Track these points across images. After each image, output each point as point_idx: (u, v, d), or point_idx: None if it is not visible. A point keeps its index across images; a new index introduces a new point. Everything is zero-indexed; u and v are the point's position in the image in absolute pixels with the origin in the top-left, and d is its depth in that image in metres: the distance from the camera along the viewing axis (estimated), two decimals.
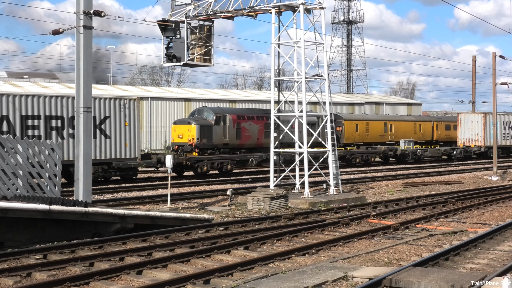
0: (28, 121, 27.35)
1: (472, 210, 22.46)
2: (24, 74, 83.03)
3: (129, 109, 30.64)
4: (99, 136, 29.35)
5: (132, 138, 30.69)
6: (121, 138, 30.35)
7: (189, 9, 25.77)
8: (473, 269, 12.60)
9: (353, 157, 47.47)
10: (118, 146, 30.26)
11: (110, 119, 29.83)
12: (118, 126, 30.16)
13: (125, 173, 31.18)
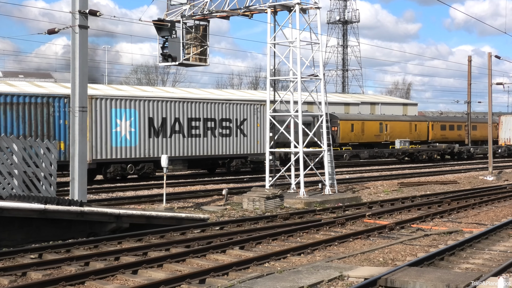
0: (192, 122, 33.51)
1: (468, 210, 22.50)
2: (19, 74, 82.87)
3: (260, 112, 36.76)
4: (240, 135, 35.91)
5: (262, 137, 36.45)
6: (254, 137, 36.68)
7: (185, 8, 25.76)
8: (468, 269, 12.62)
9: (420, 154, 54.55)
10: (253, 143, 36.55)
11: (247, 121, 36.31)
12: (253, 127, 36.53)
13: (256, 165, 37.47)
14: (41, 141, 26.19)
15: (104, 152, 30.04)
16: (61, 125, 28.48)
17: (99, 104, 29.95)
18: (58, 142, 27.79)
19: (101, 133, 29.96)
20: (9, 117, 26.47)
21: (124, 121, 30.77)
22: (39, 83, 57.64)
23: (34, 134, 27.12)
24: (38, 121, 27.75)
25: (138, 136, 31.42)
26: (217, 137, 34.81)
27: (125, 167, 31.11)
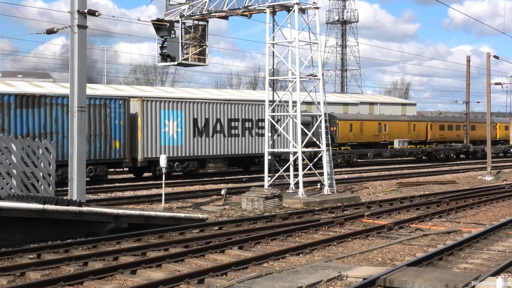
0: (232, 123, 35.65)
1: (466, 210, 22.51)
2: (18, 74, 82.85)
3: None
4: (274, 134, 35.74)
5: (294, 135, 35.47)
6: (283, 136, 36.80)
7: (184, 8, 25.76)
8: (467, 269, 12.63)
9: (438, 153, 57.65)
10: (285, 142, 37.27)
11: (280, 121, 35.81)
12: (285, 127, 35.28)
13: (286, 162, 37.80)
14: (100, 140, 29.68)
15: (153, 151, 31.87)
16: (117, 125, 30.56)
17: (149, 106, 31.89)
18: (114, 141, 30.50)
19: (151, 133, 31.95)
20: (61, 117, 28.29)
21: (172, 122, 32.79)
22: (37, 83, 57.60)
23: (93, 133, 29.62)
24: (96, 121, 29.76)
25: (184, 136, 33.51)
26: (254, 136, 37.02)
27: (172, 165, 32.90)
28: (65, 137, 27.25)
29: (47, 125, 28.14)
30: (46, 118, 28.03)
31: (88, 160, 27.48)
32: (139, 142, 31.38)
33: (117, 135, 30.59)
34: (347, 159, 48.71)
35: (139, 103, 31.59)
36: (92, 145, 29.54)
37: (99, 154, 29.84)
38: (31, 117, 27.69)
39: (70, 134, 18.37)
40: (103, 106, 30.24)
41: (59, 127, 28.39)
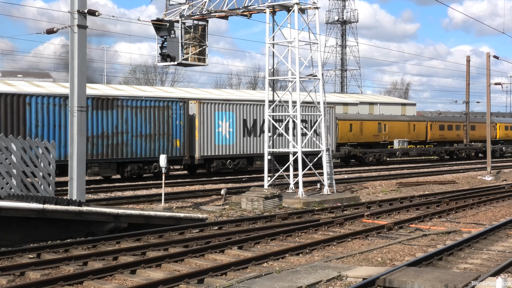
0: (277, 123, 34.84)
1: (466, 210, 22.51)
2: (18, 73, 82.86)
3: (329, 114, 41.66)
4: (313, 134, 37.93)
5: (332, 136, 41.30)
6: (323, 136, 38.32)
7: (184, 8, 25.76)
8: (466, 269, 12.63)
9: (460, 152, 60.52)
10: None
11: None
12: None
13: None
14: (163, 139, 32.05)
15: (209, 150, 34.68)
16: (177, 125, 33.09)
17: (205, 108, 34.51)
18: (175, 140, 33.11)
19: (207, 133, 34.58)
20: (139, 118, 31.51)
21: (225, 122, 35.28)
22: (37, 83, 57.61)
23: (157, 133, 32.23)
24: (160, 122, 32.34)
25: (235, 135, 36.14)
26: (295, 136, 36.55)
27: (225, 162, 35.79)
28: (133, 136, 31.11)
29: (118, 125, 30.67)
30: (118, 119, 30.57)
31: (153, 158, 31.78)
32: (196, 141, 33.99)
33: (178, 134, 33.14)
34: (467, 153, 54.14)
35: (197, 105, 34.15)
36: (157, 143, 32.23)
37: (163, 152, 31.66)
38: (105, 118, 30.18)
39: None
40: (166, 107, 32.69)
41: (128, 127, 31.12)
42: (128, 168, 31.51)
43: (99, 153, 29.90)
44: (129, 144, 30.88)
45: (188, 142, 33.63)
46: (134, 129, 31.17)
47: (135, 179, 33.02)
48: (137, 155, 31.53)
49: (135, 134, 31.13)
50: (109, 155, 30.32)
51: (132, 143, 31.06)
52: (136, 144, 31.39)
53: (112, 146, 30.43)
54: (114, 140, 30.48)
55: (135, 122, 31.26)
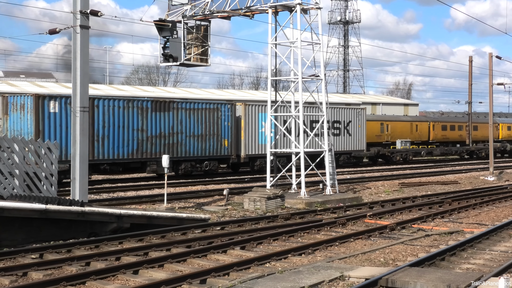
0: (313, 124, 39.51)
1: (469, 211, 22.49)
2: (20, 74, 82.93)
3: (361, 115, 44.54)
4: (346, 134, 43.58)
5: (363, 136, 44.69)
6: (357, 136, 44.46)
7: (186, 9, 25.76)
8: (469, 269, 12.62)
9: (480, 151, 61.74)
10: (356, 142, 44.35)
11: (351, 122, 43.82)
12: (356, 128, 44.11)
13: (358, 160, 47.44)
14: (213, 139, 34.13)
15: (253, 149, 37.12)
16: (226, 126, 35.30)
17: (250, 109, 36.91)
18: (224, 140, 35.26)
19: (251, 133, 36.94)
20: (192, 120, 33.74)
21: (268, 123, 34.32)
22: (40, 83, 57.66)
23: (208, 133, 34.41)
24: (211, 123, 34.55)
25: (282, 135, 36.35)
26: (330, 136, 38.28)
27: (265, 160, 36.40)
28: (187, 136, 33.40)
29: (174, 126, 32.83)
30: (173, 120, 32.78)
31: (204, 157, 34.32)
32: (242, 141, 36.35)
33: (226, 134, 35.37)
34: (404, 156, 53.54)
35: (243, 107, 36.59)
36: (207, 143, 34.45)
37: (213, 151, 34.63)
38: (163, 119, 32.37)
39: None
40: (216, 110, 34.92)
41: (183, 128, 33.30)
42: (182, 166, 33.61)
43: (157, 152, 31.96)
44: (183, 143, 33.16)
45: (235, 142, 35.87)
46: (187, 129, 33.46)
47: (189, 176, 34.43)
48: (190, 154, 33.70)
49: (188, 134, 33.44)
50: (166, 154, 30.91)
51: (186, 142, 33.36)
52: (189, 144, 33.64)
53: (169, 145, 32.55)
54: (170, 140, 32.63)
55: (189, 123, 33.54)
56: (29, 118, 27.99)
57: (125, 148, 30.64)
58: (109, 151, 30.13)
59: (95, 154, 29.23)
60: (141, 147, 31.51)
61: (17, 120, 28.45)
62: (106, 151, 29.96)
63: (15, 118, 28.55)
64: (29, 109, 28.03)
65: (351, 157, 44.97)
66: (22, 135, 27.06)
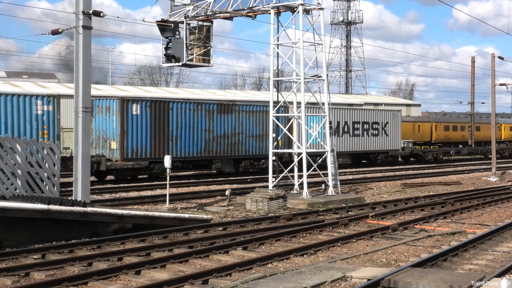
0: (355, 125, 44.02)
1: (471, 211, 22.47)
2: (23, 74, 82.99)
3: (396, 117, 48.34)
4: (383, 134, 47.08)
5: (398, 136, 48.50)
6: (393, 136, 47.99)
7: (188, 9, 25.77)
8: (471, 270, 12.61)
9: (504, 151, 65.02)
10: (392, 141, 47.89)
11: (388, 123, 47.53)
12: (392, 128, 47.82)
13: (393, 159, 50.28)
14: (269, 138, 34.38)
15: None
16: None
17: None
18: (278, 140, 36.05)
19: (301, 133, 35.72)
20: (251, 121, 36.79)
21: (315, 124, 39.08)
22: (43, 84, 57.72)
23: (264, 133, 36.80)
24: (264, 124, 37.04)
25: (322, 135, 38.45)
26: (370, 136, 45.89)
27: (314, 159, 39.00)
28: (247, 136, 36.32)
29: (236, 127, 35.69)
30: (235, 122, 35.73)
31: (261, 155, 36.96)
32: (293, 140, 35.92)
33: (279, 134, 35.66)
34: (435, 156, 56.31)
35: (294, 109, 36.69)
36: (264, 143, 36.85)
37: (263, 150, 36.92)
38: (226, 121, 35.33)
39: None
40: (267, 112, 36.23)
41: (243, 129, 36.20)
42: (242, 164, 36.65)
43: (221, 150, 35.14)
44: (243, 143, 36.13)
45: (287, 142, 37.84)
46: (247, 130, 36.45)
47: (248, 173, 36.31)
48: (249, 153, 36.69)
49: (248, 134, 36.44)
50: (229, 152, 35.56)
51: (246, 142, 36.33)
52: (248, 143, 36.60)
53: (231, 145, 35.59)
54: (232, 140, 35.63)
55: (248, 125, 36.57)
56: (115, 120, 30.76)
57: (195, 147, 33.54)
58: (181, 150, 33.04)
59: (169, 152, 31.77)
60: (208, 146, 34.41)
61: (102, 121, 31.19)
62: (179, 149, 32.87)
63: (100, 120, 31.26)
64: (114, 111, 30.74)
65: (388, 156, 48.50)
66: (108, 135, 30.85)
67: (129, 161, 30.91)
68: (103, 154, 30.74)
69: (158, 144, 32.05)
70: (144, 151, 31.39)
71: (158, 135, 32.04)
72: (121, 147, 30.47)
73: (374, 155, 47.52)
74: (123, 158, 30.54)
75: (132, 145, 31.00)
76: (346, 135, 43.69)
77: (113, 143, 30.62)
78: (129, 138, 30.68)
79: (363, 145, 45.36)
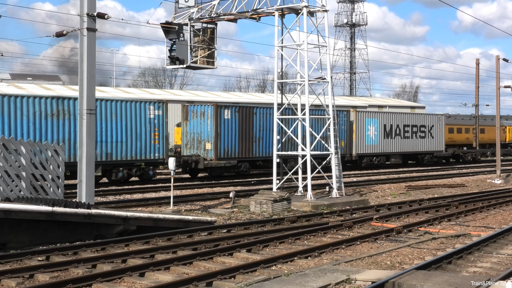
0: (405, 128, 48.42)
1: (475, 214, 22.42)
2: (27, 76, 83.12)
3: (441, 120, 52.58)
4: (429, 137, 51.15)
5: (442, 138, 52.64)
6: (438, 138, 52.09)
7: (193, 11, 25.80)
8: (476, 273, 12.58)
9: None
10: (437, 143, 51.98)
11: (434, 127, 51.48)
12: (437, 131, 51.82)
13: (438, 159, 54.02)
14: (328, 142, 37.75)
15: (361, 149, 44.56)
16: (343, 129, 41.91)
17: (359, 115, 44.31)
18: (341, 141, 40.00)
19: (360, 135, 44.13)
20: (320, 124, 38.08)
21: (372, 127, 44.77)
22: (47, 86, 57.81)
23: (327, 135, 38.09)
24: None
25: (379, 138, 46.05)
26: (418, 138, 50.07)
27: (372, 159, 45.87)
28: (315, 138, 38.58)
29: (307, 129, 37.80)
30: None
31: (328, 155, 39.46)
32: (354, 142, 43.68)
33: (343, 136, 41.97)
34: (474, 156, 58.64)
35: (354, 113, 44.13)
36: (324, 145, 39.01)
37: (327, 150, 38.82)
38: None
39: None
40: (337, 116, 39.53)
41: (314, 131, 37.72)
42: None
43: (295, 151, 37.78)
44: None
45: (349, 143, 42.82)
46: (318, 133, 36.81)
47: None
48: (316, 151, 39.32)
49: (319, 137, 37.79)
50: None
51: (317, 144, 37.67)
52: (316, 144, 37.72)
53: None
54: None
55: (316, 127, 38.08)
56: (209, 123, 34.11)
57: (268, 148, 36.05)
58: (263, 150, 36.37)
59: (253, 153, 35.80)
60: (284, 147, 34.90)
61: (197, 125, 34.70)
62: (261, 150, 36.24)
63: (195, 123, 34.76)
64: (209, 115, 34.11)
65: (433, 157, 52.43)
66: (202, 137, 34.33)
67: (221, 160, 34.35)
68: (199, 154, 34.23)
69: (244, 145, 35.39)
70: (233, 151, 34.84)
71: (244, 137, 35.38)
72: (215, 148, 33.85)
73: (421, 155, 51.74)
74: (217, 157, 33.98)
75: (224, 146, 34.41)
76: (398, 137, 47.87)
77: (207, 144, 34.04)
78: (221, 140, 34.11)
79: (412, 146, 49.60)
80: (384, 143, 46.18)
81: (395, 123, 47.46)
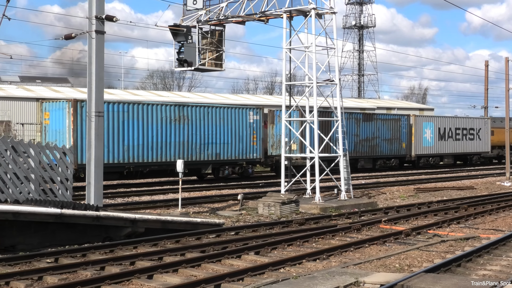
0: (456, 130, 52.72)
1: (485, 216, 22.33)
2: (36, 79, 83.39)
3: (487, 123, 56.82)
4: (477, 139, 55.52)
5: (488, 140, 57.02)
6: (484, 140, 56.14)
7: (201, 14, 25.83)
8: (485, 276, 12.52)
9: None
10: (482, 145, 55.98)
11: (481, 130, 55.52)
12: (483, 134, 55.85)
13: (485, 160, 58.74)
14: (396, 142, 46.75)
15: (419, 150, 48.98)
16: (403, 132, 46.84)
17: (417, 119, 48.82)
18: (402, 142, 46.97)
19: (418, 138, 48.63)
20: (384, 128, 45.13)
21: (428, 130, 49.44)
22: (56, 88, 57.99)
23: (393, 137, 45.77)
24: (395, 129, 46.20)
25: (434, 140, 50.42)
26: (467, 140, 54.36)
27: (429, 159, 50.70)
28: (381, 140, 44.93)
29: (374, 132, 44.02)
30: (374, 128, 44.09)
31: (391, 155, 46.15)
32: (413, 143, 48.17)
33: (404, 138, 47.09)
34: None
35: (413, 118, 48.66)
36: (393, 145, 45.99)
37: (396, 151, 46.49)
38: (368, 127, 43.68)
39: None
40: (397, 120, 46.92)
41: (379, 133, 44.74)
42: (378, 163, 45.78)
43: (365, 151, 43.78)
44: (379, 145, 44.68)
45: (408, 144, 47.25)
46: (381, 135, 44.85)
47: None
48: (383, 153, 45.32)
49: (382, 138, 44.93)
50: (369, 153, 44.19)
51: (380, 145, 44.82)
52: (382, 146, 45.04)
53: (371, 147, 44.10)
54: (372, 143, 44.14)
55: (382, 130, 44.93)
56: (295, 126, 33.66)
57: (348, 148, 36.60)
58: None
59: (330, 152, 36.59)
60: (356, 148, 42.36)
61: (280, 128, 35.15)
62: None
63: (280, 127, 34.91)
64: None
65: (480, 157, 56.68)
66: None
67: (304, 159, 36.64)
68: None
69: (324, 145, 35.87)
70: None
71: None
72: (300, 148, 36.11)
73: (470, 156, 56.05)
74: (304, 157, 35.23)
75: None
76: (450, 139, 52.11)
77: (293, 145, 34.73)
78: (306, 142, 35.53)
79: (463, 147, 53.78)
80: (438, 145, 50.67)
81: (448, 126, 51.75)
